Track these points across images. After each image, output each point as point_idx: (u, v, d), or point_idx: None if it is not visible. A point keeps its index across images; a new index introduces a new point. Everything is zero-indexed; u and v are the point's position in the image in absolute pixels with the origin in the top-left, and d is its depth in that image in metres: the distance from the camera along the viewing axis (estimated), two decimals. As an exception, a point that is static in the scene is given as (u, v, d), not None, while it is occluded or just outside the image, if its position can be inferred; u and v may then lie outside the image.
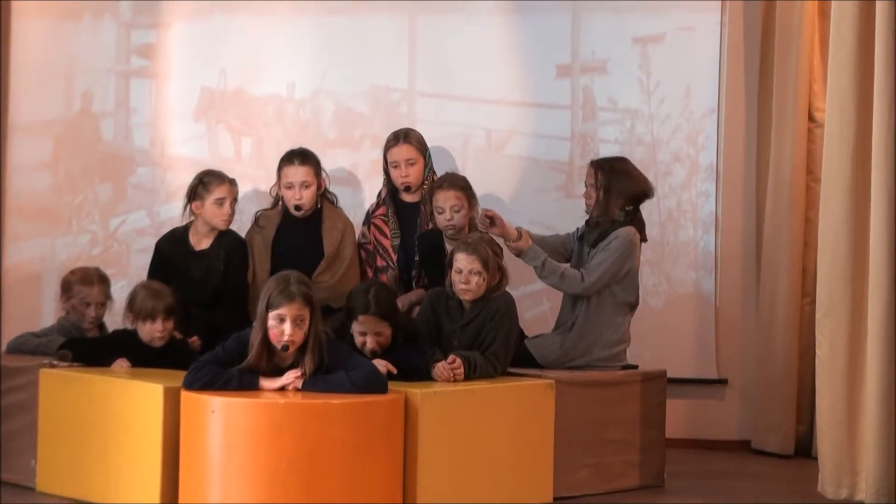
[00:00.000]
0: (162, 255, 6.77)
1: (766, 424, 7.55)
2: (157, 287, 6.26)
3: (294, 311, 5.47)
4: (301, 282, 5.55)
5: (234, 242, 6.74)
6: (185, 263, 6.69)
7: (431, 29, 7.73)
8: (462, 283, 6.08)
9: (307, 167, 6.77)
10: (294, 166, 6.77)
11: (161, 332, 6.16)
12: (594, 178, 6.55)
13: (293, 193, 6.77)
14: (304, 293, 5.51)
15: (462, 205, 6.64)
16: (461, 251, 6.11)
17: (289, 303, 5.46)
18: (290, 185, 6.77)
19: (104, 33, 7.77)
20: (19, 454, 6.14)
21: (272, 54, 7.74)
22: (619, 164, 6.66)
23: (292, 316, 5.46)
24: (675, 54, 7.74)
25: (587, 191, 6.61)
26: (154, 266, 6.77)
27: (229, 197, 6.67)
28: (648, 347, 7.44)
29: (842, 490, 5.97)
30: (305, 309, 5.49)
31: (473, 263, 6.07)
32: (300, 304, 5.48)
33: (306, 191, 6.77)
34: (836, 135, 6.01)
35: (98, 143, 7.75)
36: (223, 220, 6.67)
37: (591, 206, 6.58)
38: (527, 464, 5.98)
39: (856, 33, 5.95)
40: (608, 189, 6.52)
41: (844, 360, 5.97)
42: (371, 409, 5.42)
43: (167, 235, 6.86)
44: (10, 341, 6.66)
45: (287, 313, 5.46)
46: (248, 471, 5.27)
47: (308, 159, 6.79)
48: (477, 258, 6.07)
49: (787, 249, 7.48)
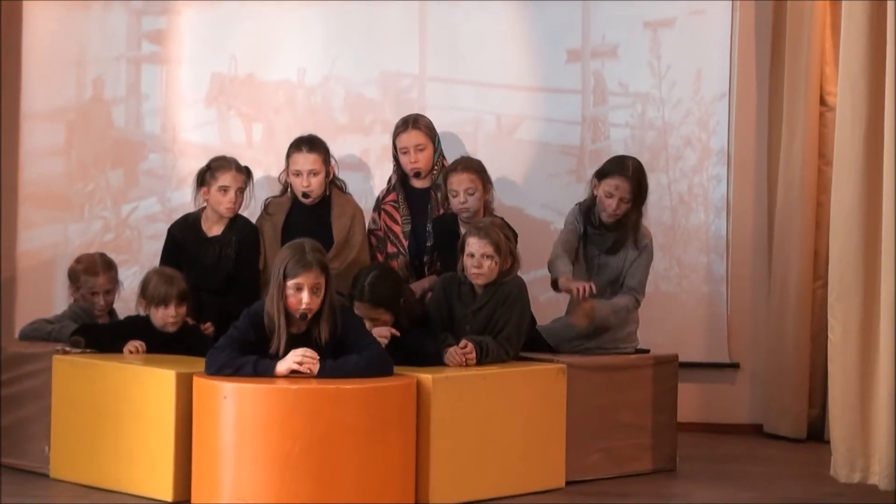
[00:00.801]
0: (174, 241, 6.78)
1: (778, 408, 7.55)
2: (170, 273, 6.28)
3: (311, 279, 5.51)
4: (316, 249, 5.60)
5: (245, 229, 6.75)
6: (197, 249, 6.70)
7: (441, 14, 7.73)
8: (474, 268, 6.09)
9: (315, 154, 6.77)
10: (302, 153, 6.77)
11: (174, 318, 6.18)
12: (629, 192, 6.45)
13: (301, 181, 6.77)
14: (320, 261, 5.57)
15: (476, 187, 6.65)
16: (473, 235, 6.11)
17: (306, 271, 5.50)
18: (298, 172, 6.77)
19: (115, 20, 7.77)
20: (33, 440, 6.16)
21: (282, 40, 7.74)
22: (646, 177, 6.59)
23: (310, 285, 5.51)
24: (685, 38, 7.73)
25: (613, 200, 6.46)
26: (166, 251, 6.79)
27: (234, 185, 6.65)
28: (660, 332, 7.44)
29: (854, 473, 5.96)
30: (322, 277, 5.54)
31: (486, 247, 6.07)
32: (317, 272, 5.53)
33: (314, 178, 6.77)
34: (847, 118, 5.99)
35: (110, 130, 7.76)
36: (227, 208, 6.67)
37: (611, 215, 6.48)
38: (539, 448, 5.98)
39: (867, 16, 5.93)
40: (639, 204, 6.50)
41: (857, 344, 5.95)
42: (383, 394, 5.43)
43: (179, 221, 6.87)
44: (23, 328, 6.67)
45: (304, 282, 5.50)
46: (261, 456, 5.29)
47: (316, 146, 6.79)
48: (489, 242, 6.07)
49: (799, 233, 7.47)
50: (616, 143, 7.73)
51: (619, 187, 6.46)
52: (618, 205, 6.46)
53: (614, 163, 6.59)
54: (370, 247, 6.90)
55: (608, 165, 6.59)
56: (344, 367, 5.47)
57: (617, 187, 6.46)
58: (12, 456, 6.25)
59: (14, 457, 6.25)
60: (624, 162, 6.57)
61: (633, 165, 6.53)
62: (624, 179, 6.47)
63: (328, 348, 5.53)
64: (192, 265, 6.62)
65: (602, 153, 7.68)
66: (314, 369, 5.44)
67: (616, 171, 6.50)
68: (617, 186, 6.46)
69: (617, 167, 6.53)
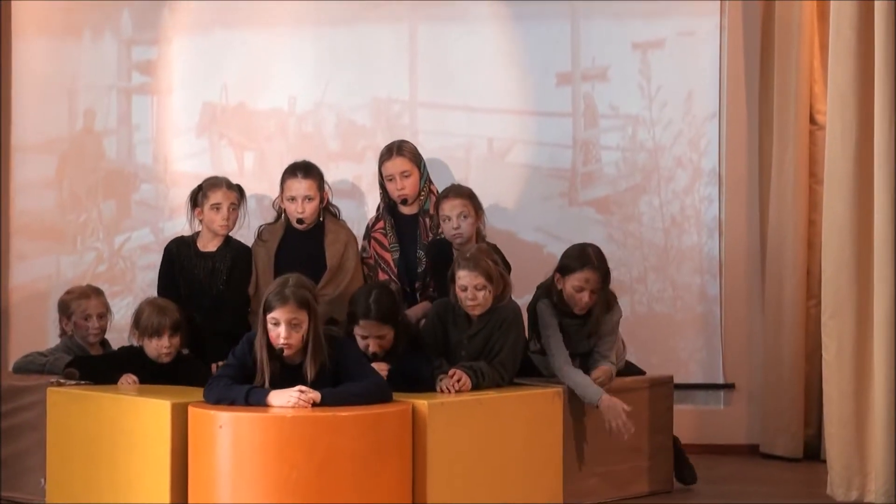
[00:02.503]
0: (171, 256, 6.76)
1: (774, 428, 7.54)
2: (163, 303, 6.27)
3: (287, 314, 5.45)
4: (299, 285, 5.53)
5: (239, 249, 6.77)
6: (191, 263, 6.71)
7: (432, 39, 7.75)
8: (469, 300, 6.06)
9: (310, 181, 6.77)
10: (297, 179, 6.77)
11: (168, 348, 6.17)
12: (598, 281, 6.29)
13: (296, 206, 6.77)
14: (300, 296, 5.48)
15: (469, 212, 6.63)
16: (463, 268, 6.06)
17: (282, 305, 5.46)
18: (293, 198, 6.78)
19: (105, 50, 7.79)
20: (28, 473, 6.15)
21: (273, 68, 7.76)
22: (605, 260, 6.41)
23: (286, 319, 5.45)
24: (675, 59, 7.75)
25: (584, 294, 6.27)
26: (163, 267, 6.77)
27: (225, 202, 6.67)
28: (655, 353, 7.44)
29: (851, 492, 5.96)
30: (301, 312, 5.47)
31: (477, 279, 6.04)
32: (293, 306, 5.46)
33: (309, 204, 6.77)
34: (837, 136, 6.01)
35: (101, 161, 7.77)
36: (220, 225, 6.68)
37: (584, 308, 6.31)
38: (536, 472, 5.97)
39: (855, 33, 5.95)
40: (606, 286, 6.37)
41: (851, 362, 5.96)
42: (379, 420, 5.42)
43: (176, 238, 6.87)
44: (16, 361, 6.66)
45: (280, 317, 5.46)
46: (258, 484, 5.27)
47: (311, 173, 6.80)
48: (479, 273, 6.04)
49: (792, 252, 7.48)
50: (607, 166, 7.74)
51: (588, 280, 6.28)
52: (590, 296, 6.29)
53: (576, 257, 6.35)
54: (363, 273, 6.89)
55: (570, 261, 6.34)
56: (343, 396, 5.46)
57: (587, 280, 6.28)
58: (8, 488, 6.23)
59: (10, 489, 6.23)
60: (585, 252, 6.35)
61: (594, 254, 6.34)
62: (592, 271, 6.29)
63: (322, 382, 5.50)
64: (186, 279, 6.65)
65: (594, 175, 7.71)
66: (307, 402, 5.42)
67: (582, 265, 6.29)
68: (587, 279, 6.28)
69: (580, 260, 6.31)
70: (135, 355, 6.20)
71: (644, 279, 7.65)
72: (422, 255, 6.84)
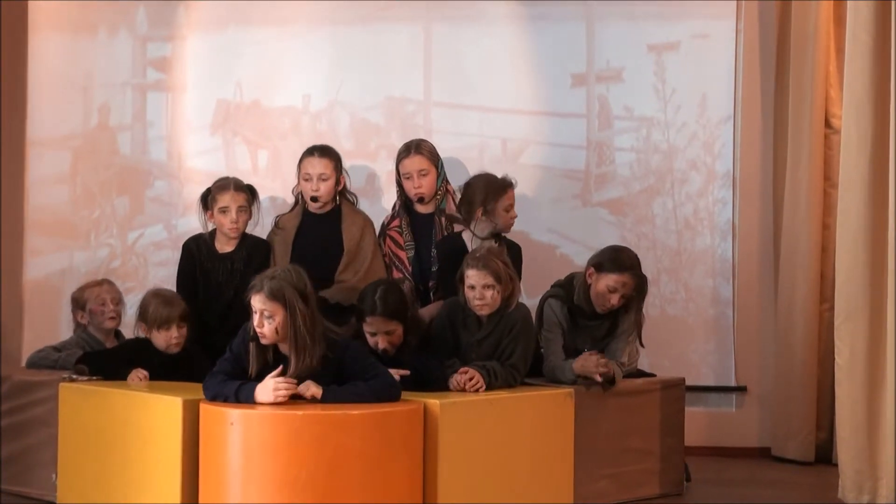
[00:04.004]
0: (190, 254, 6.72)
1: (785, 431, 7.53)
2: (169, 294, 6.29)
3: (258, 303, 5.41)
4: (282, 277, 5.43)
5: (256, 244, 6.74)
6: (210, 265, 6.68)
7: (446, 40, 7.75)
8: (477, 300, 6.06)
9: (326, 160, 6.76)
10: (313, 158, 6.77)
11: (177, 339, 6.19)
12: (633, 289, 6.35)
13: (311, 185, 6.76)
14: (274, 287, 5.40)
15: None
16: (472, 267, 6.07)
17: (255, 294, 5.43)
18: (308, 176, 6.77)
19: (120, 47, 7.80)
20: (40, 468, 6.16)
21: (288, 66, 7.77)
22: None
23: (258, 308, 5.42)
24: (690, 62, 7.75)
25: (616, 296, 6.32)
26: (183, 265, 6.74)
27: (233, 204, 6.63)
28: (667, 355, 7.44)
29: (863, 496, 5.95)
30: (272, 303, 5.38)
31: (486, 278, 6.04)
32: (263, 297, 5.39)
33: (323, 183, 6.75)
34: (853, 140, 6.00)
35: (115, 157, 7.78)
36: (230, 228, 6.65)
37: (609, 307, 6.35)
38: (547, 473, 5.97)
39: (872, 37, 5.94)
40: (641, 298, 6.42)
41: (864, 366, 5.95)
42: (390, 419, 5.42)
43: (195, 236, 6.80)
44: (30, 356, 6.67)
45: (255, 305, 5.43)
46: (268, 482, 5.27)
47: (328, 153, 6.79)
48: (489, 273, 6.04)
49: (805, 256, 7.46)
50: (621, 167, 7.74)
51: (625, 284, 6.33)
52: (619, 300, 6.33)
53: (616, 259, 6.37)
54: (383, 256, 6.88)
55: (609, 261, 6.37)
56: (346, 394, 5.44)
57: (624, 284, 6.32)
58: (20, 484, 6.25)
59: (21, 485, 6.25)
60: (627, 255, 6.40)
61: (634, 260, 6.39)
62: (631, 277, 6.34)
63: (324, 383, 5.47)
64: (205, 281, 6.63)
65: (607, 177, 7.70)
66: (288, 395, 5.38)
67: (621, 268, 6.33)
68: (624, 283, 6.32)
69: (620, 263, 6.34)
70: (142, 347, 6.21)
71: (657, 281, 7.64)
72: (436, 253, 6.84)
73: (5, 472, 6.30)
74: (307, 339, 5.44)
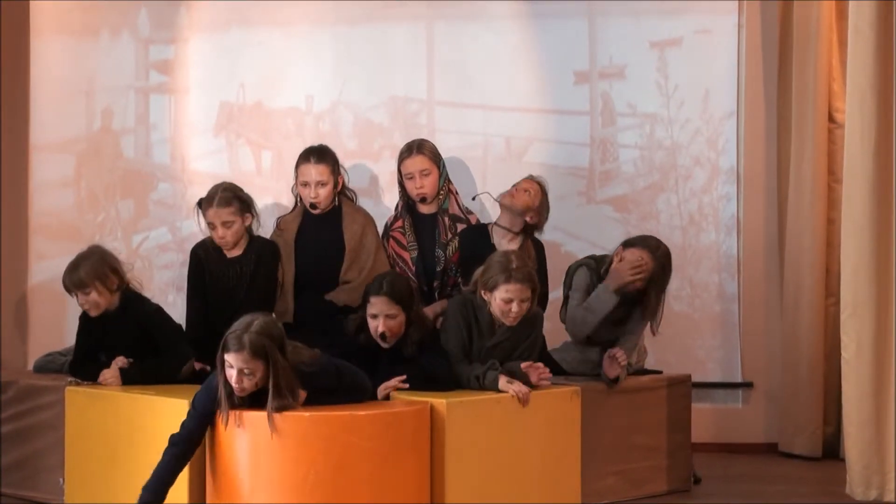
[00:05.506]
0: (198, 261, 6.68)
1: (792, 427, 7.53)
2: (75, 260, 6.19)
3: (239, 361, 5.21)
4: (261, 331, 5.23)
5: (263, 245, 6.69)
6: (219, 270, 6.63)
7: (449, 38, 7.74)
8: (514, 313, 5.95)
9: (323, 165, 6.75)
10: (310, 164, 6.76)
11: (86, 305, 6.11)
12: (651, 273, 6.43)
13: (309, 191, 6.76)
14: (257, 346, 5.20)
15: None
16: (514, 281, 5.92)
17: (236, 352, 5.22)
18: (306, 183, 6.77)
19: (122, 50, 7.79)
20: (47, 472, 6.16)
21: (290, 67, 7.76)
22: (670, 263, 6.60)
23: (238, 366, 5.23)
24: (693, 58, 7.74)
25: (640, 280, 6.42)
26: (192, 270, 6.68)
27: (216, 220, 6.53)
28: (673, 352, 7.43)
29: (871, 491, 5.95)
30: (255, 362, 5.21)
31: (525, 292, 5.95)
32: (247, 355, 5.20)
33: (322, 189, 6.75)
34: (856, 134, 6.00)
35: (119, 160, 7.78)
36: (220, 243, 6.59)
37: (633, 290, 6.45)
38: (554, 471, 5.97)
39: (874, 31, 5.94)
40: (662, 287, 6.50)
41: (870, 361, 5.95)
42: (397, 419, 5.42)
43: (202, 242, 6.74)
44: (36, 360, 6.69)
45: (233, 362, 5.23)
46: (276, 483, 5.28)
47: (324, 157, 6.77)
48: (529, 286, 5.96)
49: (810, 251, 7.46)
50: (625, 164, 7.74)
51: (644, 262, 6.42)
52: (640, 281, 6.42)
53: (645, 239, 6.59)
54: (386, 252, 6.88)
55: (640, 239, 6.59)
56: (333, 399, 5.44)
57: (643, 262, 6.42)
58: (28, 488, 6.25)
59: (29, 489, 6.25)
60: (656, 240, 6.56)
61: (665, 249, 6.51)
62: (652, 258, 6.43)
63: None
64: (215, 286, 6.59)
65: (611, 174, 7.70)
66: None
67: (646, 246, 6.48)
68: (644, 263, 6.42)
69: (647, 242, 6.52)
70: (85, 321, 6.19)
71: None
72: (440, 253, 6.85)
73: (13, 477, 6.30)
74: (285, 387, 5.28)
